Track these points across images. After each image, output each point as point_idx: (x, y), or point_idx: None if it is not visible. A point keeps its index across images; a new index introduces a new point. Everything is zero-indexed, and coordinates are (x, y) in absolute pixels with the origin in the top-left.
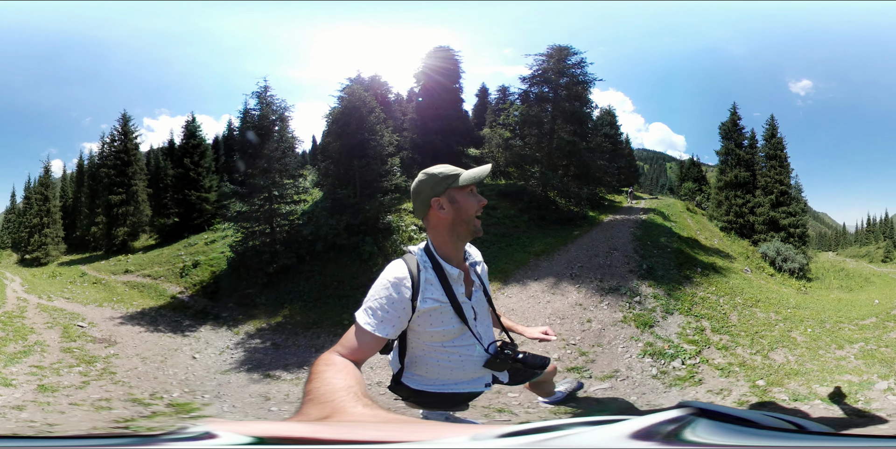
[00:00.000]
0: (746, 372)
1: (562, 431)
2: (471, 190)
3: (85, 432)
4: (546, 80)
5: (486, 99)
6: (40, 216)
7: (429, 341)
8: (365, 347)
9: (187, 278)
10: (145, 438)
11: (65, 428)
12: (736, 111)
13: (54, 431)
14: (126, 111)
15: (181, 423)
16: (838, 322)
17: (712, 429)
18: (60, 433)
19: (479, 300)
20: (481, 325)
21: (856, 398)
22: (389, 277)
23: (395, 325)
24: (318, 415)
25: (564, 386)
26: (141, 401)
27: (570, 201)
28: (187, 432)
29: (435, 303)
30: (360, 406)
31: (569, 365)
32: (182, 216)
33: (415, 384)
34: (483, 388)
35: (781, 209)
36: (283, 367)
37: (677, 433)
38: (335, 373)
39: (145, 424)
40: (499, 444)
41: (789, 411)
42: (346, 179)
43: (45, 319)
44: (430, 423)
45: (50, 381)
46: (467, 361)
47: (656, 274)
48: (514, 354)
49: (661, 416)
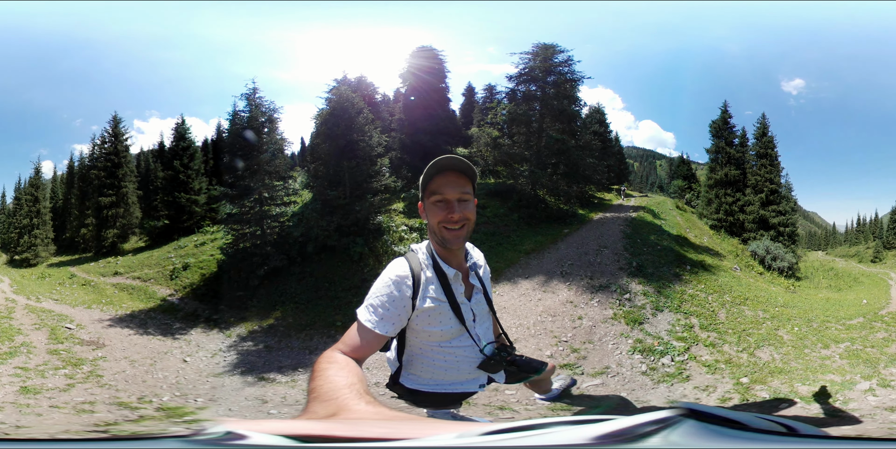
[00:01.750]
0: (732, 369)
1: (542, 429)
2: (439, 199)
3: (98, 435)
4: (533, 78)
5: (472, 98)
6: (30, 217)
7: (426, 340)
8: (366, 344)
9: (177, 281)
10: (165, 439)
11: (36, 431)
12: (727, 109)
13: (21, 434)
14: (117, 113)
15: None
16: (825, 321)
17: (697, 431)
18: (67, 436)
19: (478, 302)
20: (480, 326)
21: (835, 398)
22: (391, 274)
23: (394, 322)
24: (325, 413)
25: (558, 383)
26: (128, 404)
27: (559, 199)
28: (208, 433)
29: (434, 302)
30: (364, 404)
31: (561, 362)
32: (172, 218)
33: (410, 383)
34: (477, 388)
35: (771, 208)
36: (278, 369)
37: (654, 434)
38: (337, 370)
39: (130, 427)
40: (481, 441)
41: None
42: (335, 181)
43: (33, 320)
44: (425, 420)
45: (34, 383)
46: (463, 361)
47: (646, 271)
48: (509, 356)
49: (648, 417)
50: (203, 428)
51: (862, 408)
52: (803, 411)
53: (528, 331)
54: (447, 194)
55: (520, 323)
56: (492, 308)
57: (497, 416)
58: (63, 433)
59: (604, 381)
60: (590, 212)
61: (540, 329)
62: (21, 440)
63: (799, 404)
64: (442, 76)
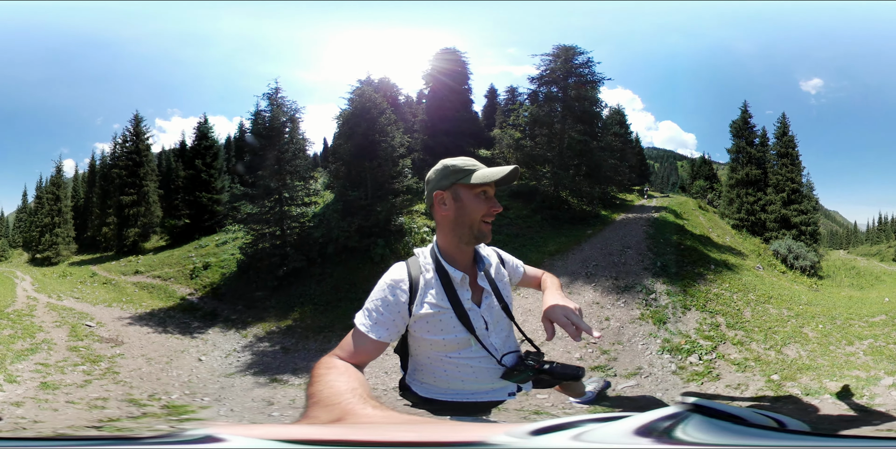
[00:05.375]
0: (761, 367)
1: (581, 427)
2: (483, 191)
3: (82, 434)
4: (554, 80)
5: (495, 100)
6: (52, 216)
7: (430, 350)
8: (362, 349)
9: (197, 280)
10: (141, 440)
11: (50, 426)
12: (747, 109)
13: (38, 428)
14: (138, 112)
15: (179, 425)
16: (849, 319)
17: (703, 426)
18: (60, 435)
19: (490, 307)
20: (496, 335)
21: (861, 394)
22: (387, 279)
23: (389, 328)
24: (328, 418)
25: (592, 385)
26: (138, 401)
27: (582, 200)
28: (186, 435)
29: (433, 308)
30: (370, 408)
31: (592, 364)
32: (193, 218)
33: (423, 392)
34: (506, 397)
35: (793, 207)
36: (292, 371)
37: (672, 429)
38: (337, 375)
39: (129, 425)
40: (533, 442)
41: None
42: (357, 181)
43: (54, 317)
44: (451, 423)
45: (53, 378)
46: (481, 372)
47: (670, 271)
48: (538, 364)
49: (660, 412)
50: (183, 429)
51: (887, 403)
52: (835, 408)
53: (556, 333)
54: (491, 188)
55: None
56: (509, 313)
57: (534, 420)
58: (50, 432)
59: (638, 382)
60: (612, 212)
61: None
62: (23, 439)
63: (830, 400)
64: (464, 78)
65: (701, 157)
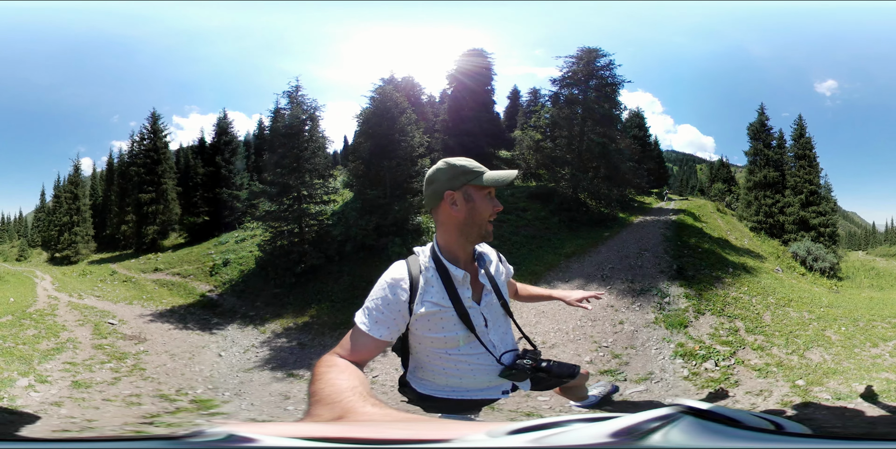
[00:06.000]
0: (785, 372)
1: (561, 427)
2: (489, 192)
3: (102, 435)
4: (576, 82)
5: (517, 101)
6: (70, 215)
7: (431, 347)
8: (363, 348)
9: (217, 277)
10: (150, 440)
11: (100, 424)
12: (764, 112)
13: (94, 427)
14: (155, 109)
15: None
16: (871, 320)
17: (694, 428)
18: (77, 436)
19: (490, 305)
20: (494, 332)
21: (894, 396)
22: (387, 277)
23: (389, 327)
24: (330, 416)
25: (598, 389)
26: (167, 397)
27: (600, 203)
28: (206, 435)
29: (434, 307)
30: (370, 406)
31: (602, 368)
32: (212, 215)
33: (422, 389)
34: (500, 395)
35: (811, 209)
36: (308, 366)
37: (656, 431)
38: (338, 374)
39: (168, 420)
40: (510, 441)
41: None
42: (376, 180)
43: (76, 316)
44: (443, 421)
45: (83, 377)
46: (479, 369)
47: (687, 274)
48: (535, 363)
49: (650, 414)
50: (200, 430)
51: None
52: (870, 410)
53: (567, 336)
54: (494, 189)
55: (558, 328)
56: (508, 310)
57: (521, 421)
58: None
59: (647, 387)
60: (630, 215)
61: (579, 334)
62: (24, 439)
63: (865, 404)
64: (488, 79)
65: (719, 160)
